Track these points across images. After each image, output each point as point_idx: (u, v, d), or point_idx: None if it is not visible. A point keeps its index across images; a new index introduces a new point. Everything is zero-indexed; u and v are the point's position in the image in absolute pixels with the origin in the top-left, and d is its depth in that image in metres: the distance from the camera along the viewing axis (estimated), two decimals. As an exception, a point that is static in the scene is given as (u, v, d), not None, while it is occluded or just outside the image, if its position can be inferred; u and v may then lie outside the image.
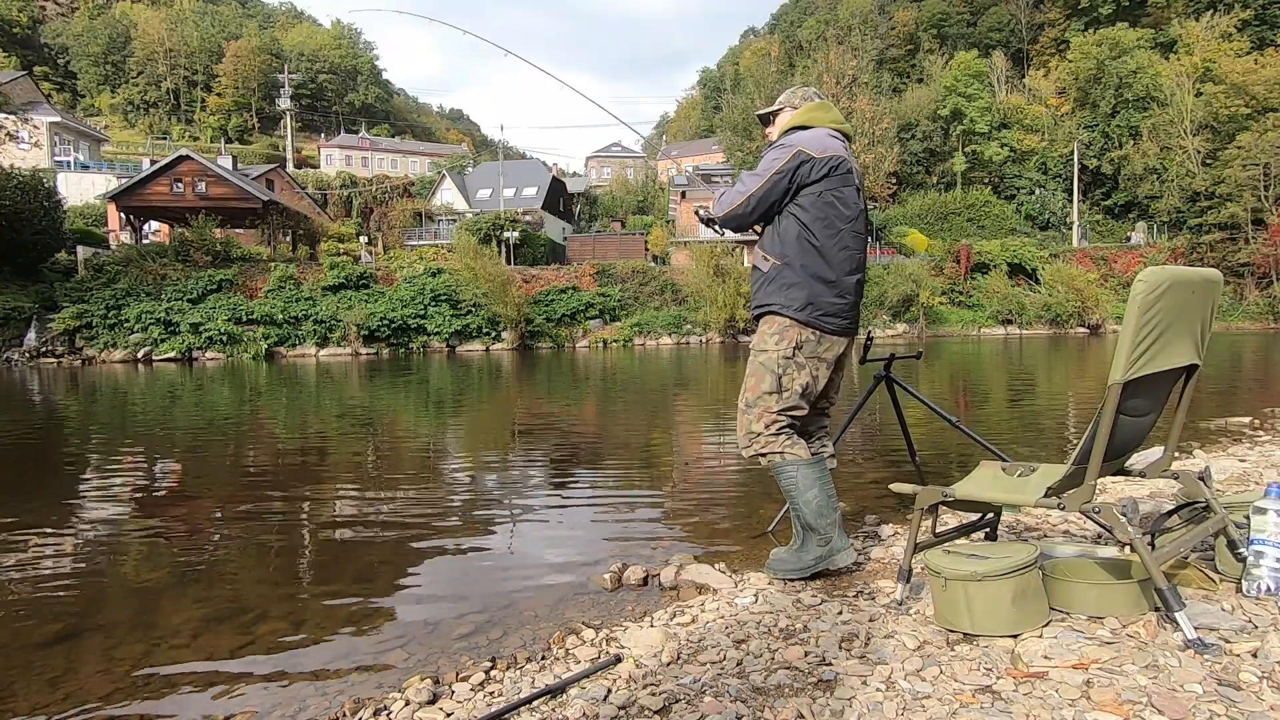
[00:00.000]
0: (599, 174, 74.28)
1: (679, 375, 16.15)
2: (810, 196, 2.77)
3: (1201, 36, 47.82)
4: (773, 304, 2.83)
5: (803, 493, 2.77)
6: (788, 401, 2.81)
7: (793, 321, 2.78)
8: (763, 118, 3.16)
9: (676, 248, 42.00)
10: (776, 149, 2.84)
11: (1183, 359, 2.14)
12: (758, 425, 2.82)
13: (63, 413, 11.26)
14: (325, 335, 26.90)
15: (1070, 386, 12.00)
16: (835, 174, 2.78)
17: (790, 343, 2.80)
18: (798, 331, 2.79)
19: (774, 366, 2.81)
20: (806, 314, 2.77)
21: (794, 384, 2.81)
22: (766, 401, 2.82)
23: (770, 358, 2.82)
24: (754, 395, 2.85)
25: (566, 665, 2.24)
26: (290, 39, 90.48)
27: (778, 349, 2.81)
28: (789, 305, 2.78)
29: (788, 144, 2.82)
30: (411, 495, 4.93)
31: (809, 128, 2.89)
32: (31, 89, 42.96)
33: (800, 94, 3.07)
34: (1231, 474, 4.16)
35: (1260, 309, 34.62)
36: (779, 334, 2.81)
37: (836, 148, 2.82)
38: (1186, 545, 2.18)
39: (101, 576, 3.46)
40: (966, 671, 1.88)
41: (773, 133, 3.09)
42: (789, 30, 74.89)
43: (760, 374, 2.84)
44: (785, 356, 2.80)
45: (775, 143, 2.91)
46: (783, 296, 2.80)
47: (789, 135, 2.89)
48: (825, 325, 2.79)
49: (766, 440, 2.81)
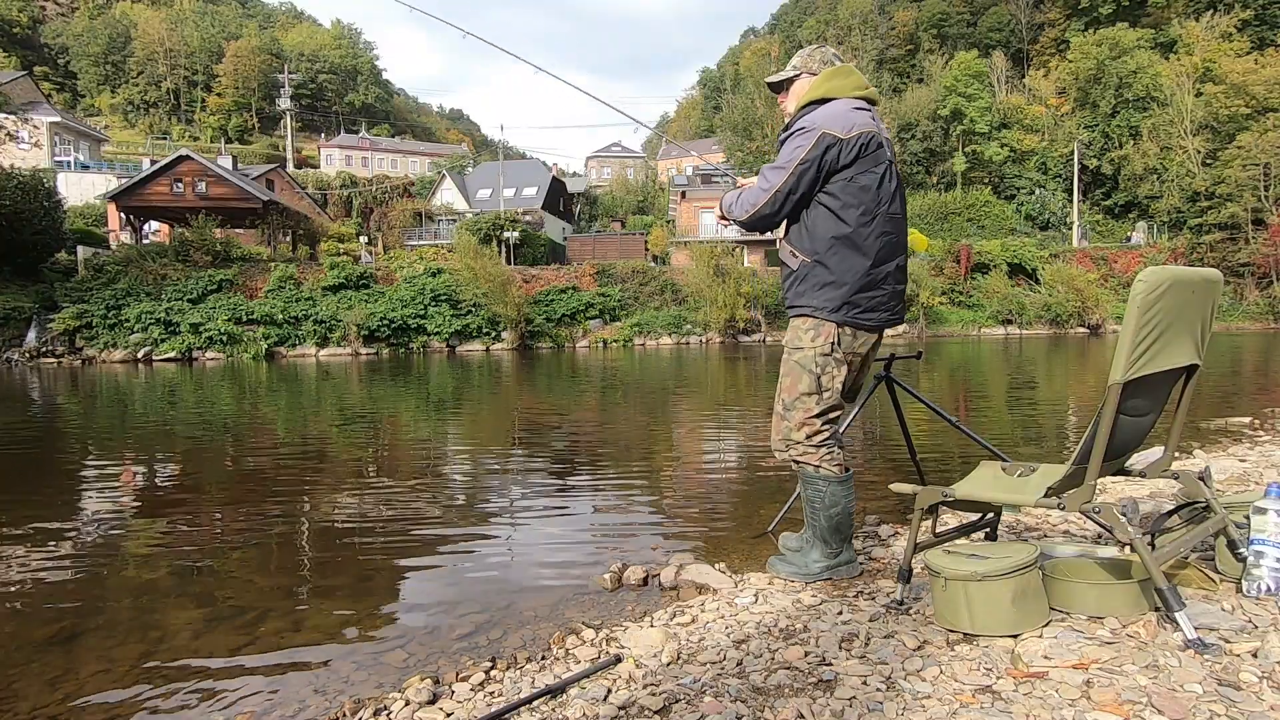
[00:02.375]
0: (599, 174, 74.28)
1: (679, 375, 16.15)
2: (840, 182, 2.54)
3: (1201, 36, 47.86)
4: (805, 306, 2.63)
5: (827, 508, 2.67)
6: (829, 402, 2.65)
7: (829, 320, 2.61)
8: (774, 85, 2.86)
9: (676, 248, 42.02)
10: (797, 135, 2.57)
11: (1183, 359, 2.14)
12: (798, 434, 2.65)
13: (63, 413, 11.26)
14: (325, 335, 26.88)
15: (1070, 386, 12.00)
16: (865, 153, 2.53)
17: (827, 339, 2.61)
18: (833, 328, 2.61)
19: (812, 365, 2.63)
20: (842, 314, 2.58)
21: (834, 382, 2.64)
22: (806, 404, 2.64)
23: (807, 355, 2.64)
24: (791, 397, 2.67)
25: (566, 665, 2.24)
26: (290, 39, 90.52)
27: (814, 345, 2.63)
28: (823, 307, 2.59)
29: (809, 127, 2.55)
30: (412, 495, 4.93)
31: (830, 99, 2.61)
32: (31, 89, 42.97)
33: (818, 56, 2.77)
34: (1231, 474, 4.16)
35: (1260, 309, 34.63)
36: (814, 330, 2.63)
37: (864, 121, 2.56)
38: (1186, 545, 2.18)
39: (101, 576, 3.46)
40: (966, 671, 1.88)
41: (787, 103, 2.81)
42: (789, 30, 75.01)
43: (797, 374, 2.65)
44: (823, 354, 2.62)
45: (794, 127, 2.61)
46: (817, 298, 2.60)
47: (807, 112, 2.62)
48: (864, 323, 2.61)
49: (805, 449, 2.66)
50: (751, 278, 32.00)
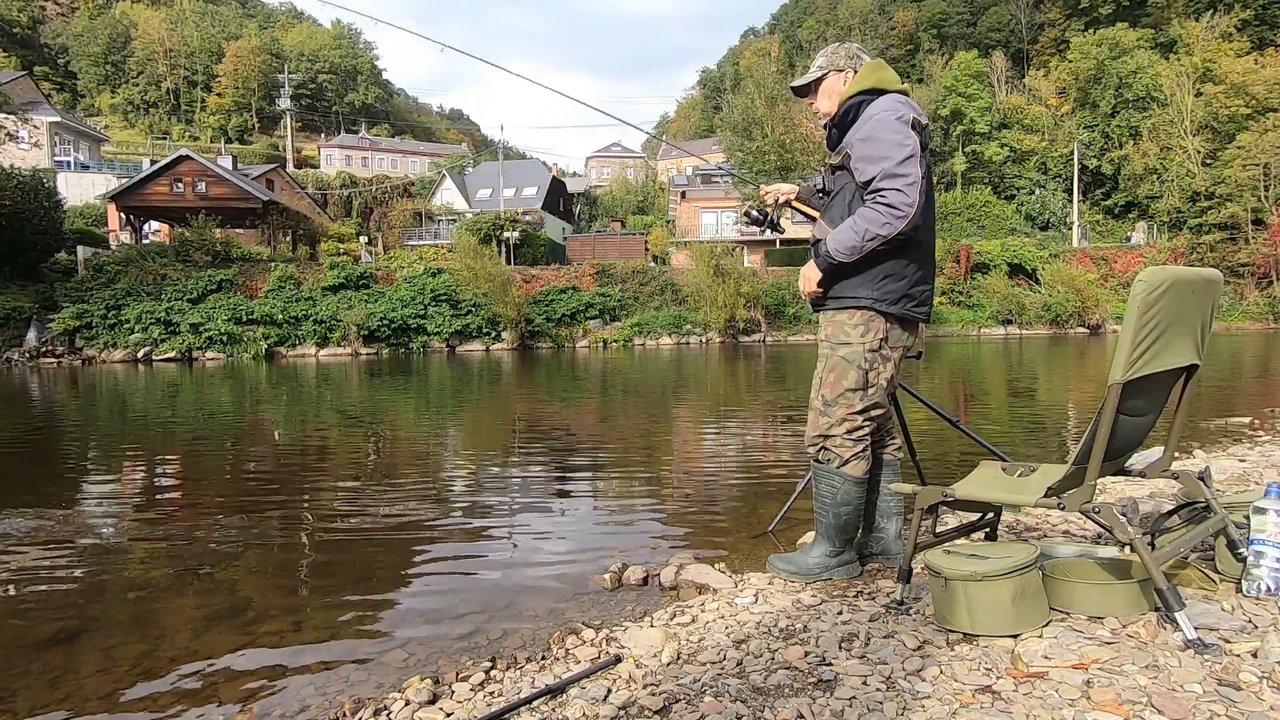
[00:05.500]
0: (599, 174, 74.26)
1: (679, 375, 16.15)
2: None
3: (1201, 36, 47.87)
4: (862, 298, 2.53)
5: (838, 505, 2.65)
6: (872, 399, 2.60)
7: (881, 314, 2.54)
8: (800, 90, 2.78)
9: (676, 248, 42.01)
10: (887, 122, 2.42)
11: (1183, 359, 2.14)
12: (838, 430, 2.60)
13: (62, 413, 11.26)
14: (325, 335, 26.87)
15: (1070, 387, 12.00)
16: (925, 146, 2.49)
17: (877, 334, 2.55)
18: (884, 322, 2.55)
19: (860, 361, 2.56)
20: (901, 307, 2.53)
21: (880, 379, 2.59)
22: (849, 400, 2.58)
23: (855, 351, 2.56)
24: (834, 393, 2.60)
25: (566, 665, 2.24)
26: (290, 39, 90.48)
27: (864, 341, 2.55)
28: (884, 299, 2.51)
29: (894, 114, 2.42)
30: (412, 495, 4.93)
31: (883, 90, 2.51)
32: (31, 89, 42.98)
33: (843, 52, 2.68)
34: (1231, 474, 4.16)
35: (1260, 309, 34.62)
36: (864, 325, 2.55)
37: (918, 114, 2.52)
38: (1186, 545, 2.18)
39: (101, 576, 3.46)
40: (966, 671, 1.88)
41: (818, 103, 2.72)
42: (789, 30, 74.99)
43: (843, 369, 2.58)
44: (872, 349, 2.56)
45: (868, 116, 2.48)
46: (877, 290, 2.51)
47: (867, 101, 2.51)
48: (917, 315, 2.57)
49: (843, 442, 2.60)
50: (751, 278, 31.99)
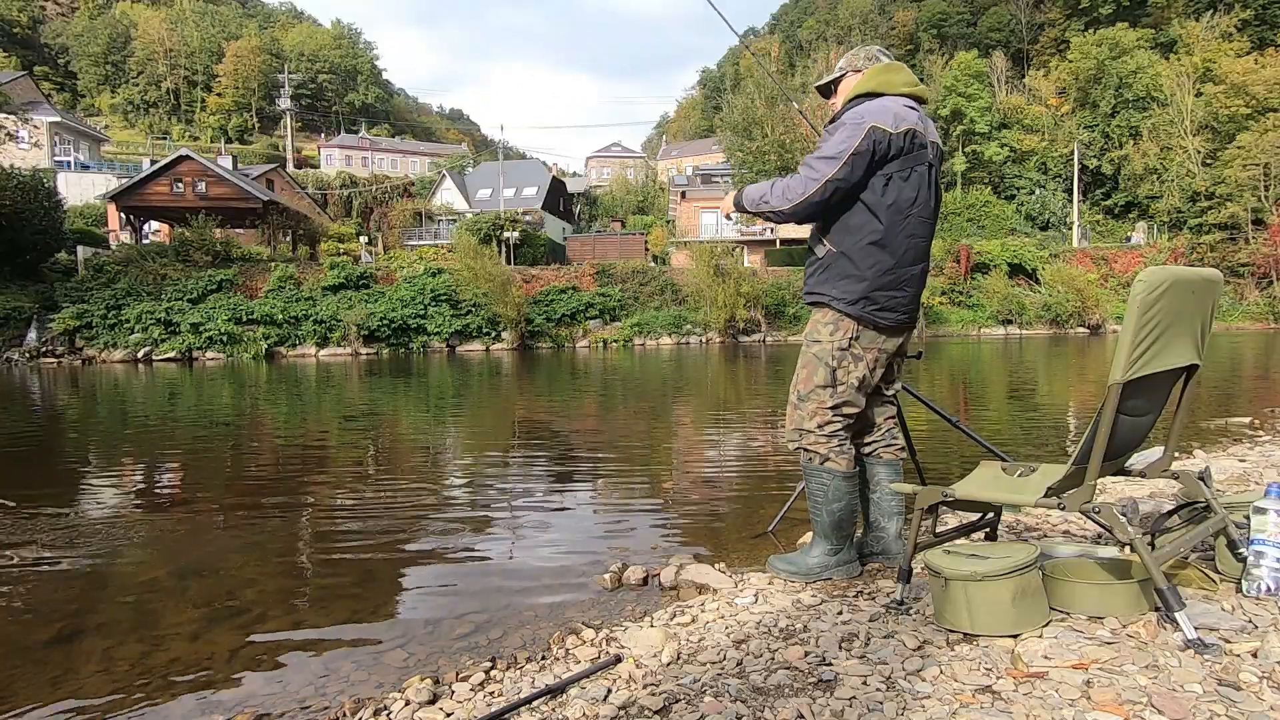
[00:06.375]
0: (599, 174, 74.28)
1: (679, 375, 16.15)
2: (880, 178, 2.52)
3: (1201, 36, 47.86)
4: (824, 295, 2.63)
5: (829, 502, 2.68)
6: (842, 396, 2.65)
7: (846, 314, 2.61)
8: (823, 89, 2.85)
9: (676, 248, 42.00)
10: (847, 126, 2.52)
11: (1183, 359, 2.14)
12: (810, 423, 2.67)
13: (62, 412, 11.26)
14: (325, 335, 26.87)
15: (1070, 386, 12.00)
16: (909, 151, 2.52)
17: (846, 334, 2.62)
18: (853, 323, 2.61)
19: (828, 359, 2.64)
20: (859, 309, 2.58)
21: (849, 377, 2.65)
22: (820, 396, 2.66)
23: (824, 349, 2.65)
24: (806, 389, 2.68)
25: (566, 665, 2.24)
26: (290, 39, 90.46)
27: (832, 340, 2.64)
28: (842, 298, 2.59)
29: (857, 120, 2.51)
30: (412, 495, 4.93)
31: (879, 94, 2.58)
32: (31, 89, 42.98)
33: (863, 54, 2.75)
34: (1231, 474, 4.16)
35: (1260, 309, 34.62)
36: (833, 324, 2.63)
37: (911, 119, 2.54)
38: (1186, 545, 2.18)
39: (101, 576, 3.46)
40: (966, 671, 1.88)
41: (836, 102, 2.79)
42: (789, 30, 75.03)
43: (813, 366, 2.67)
44: (840, 348, 2.63)
45: (841, 118, 2.58)
46: (836, 288, 2.60)
47: (854, 105, 2.59)
48: (880, 320, 2.60)
49: (816, 439, 2.67)
50: (751, 278, 31.98)
